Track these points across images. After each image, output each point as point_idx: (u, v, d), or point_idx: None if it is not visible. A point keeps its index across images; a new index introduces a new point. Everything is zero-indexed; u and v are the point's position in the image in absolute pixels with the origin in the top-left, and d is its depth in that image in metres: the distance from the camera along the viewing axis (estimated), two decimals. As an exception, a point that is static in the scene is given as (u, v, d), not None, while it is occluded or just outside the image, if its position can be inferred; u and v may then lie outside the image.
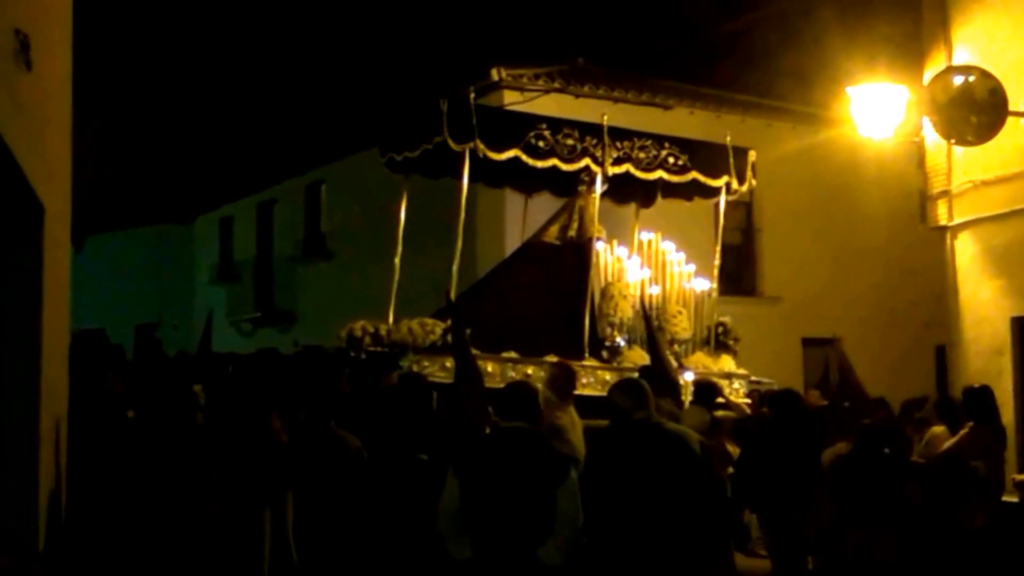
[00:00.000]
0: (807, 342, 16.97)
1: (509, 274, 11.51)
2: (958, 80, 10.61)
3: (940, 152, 11.83)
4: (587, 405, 8.81)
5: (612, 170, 10.87)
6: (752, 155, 11.79)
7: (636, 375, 8.86)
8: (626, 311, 11.18)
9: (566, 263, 11.32)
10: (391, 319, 10.84)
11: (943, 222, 11.82)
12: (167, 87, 25.68)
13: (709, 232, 15.14)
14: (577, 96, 15.49)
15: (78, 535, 5.85)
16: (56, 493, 5.55)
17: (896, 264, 16.42)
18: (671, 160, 11.18)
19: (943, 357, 12.06)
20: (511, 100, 15.34)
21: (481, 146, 10.09)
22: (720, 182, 11.56)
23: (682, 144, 11.37)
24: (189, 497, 6.19)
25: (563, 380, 8.52)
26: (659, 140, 11.24)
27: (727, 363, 11.65)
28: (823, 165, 16.41)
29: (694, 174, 11.35)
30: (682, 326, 11.48)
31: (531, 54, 16.68)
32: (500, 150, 10.26)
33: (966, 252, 11.59)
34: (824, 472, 8.66)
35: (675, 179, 11.33)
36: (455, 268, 10.37)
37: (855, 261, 17.10)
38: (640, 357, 10.76)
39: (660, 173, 11.19)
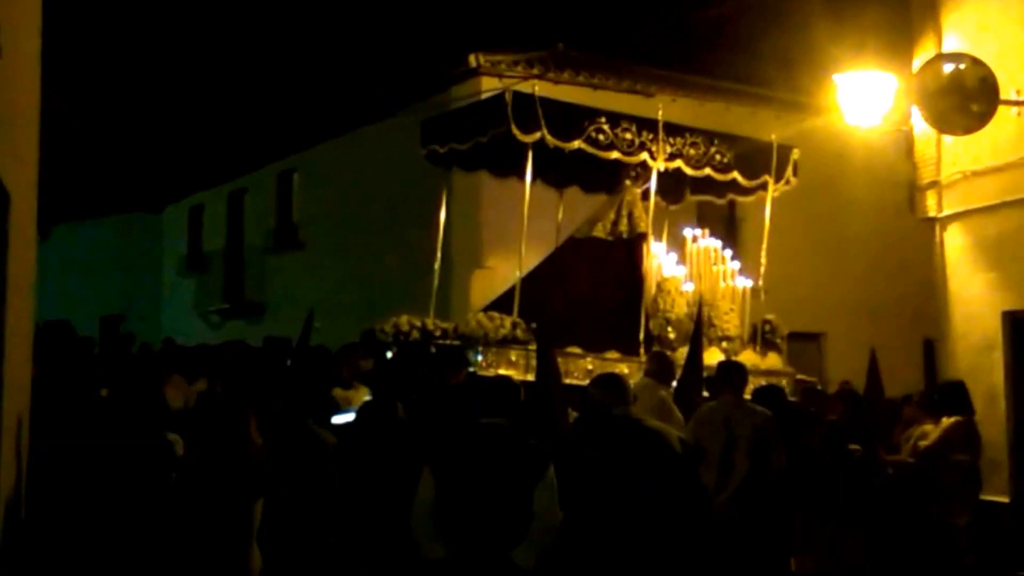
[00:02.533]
0: (792, 336, 16.75)
1: (560, 269, 11.40)
2: (948, 68, 10.38)
3: (929, 142, 11.64)
4: None
5: (666, 165, 10.78)
6: (796, 153, 11.70)
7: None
8: (682, 307, 11.15)
9: (618, 259, 11.28)
10: (431, 313, 10.83)
11: (932, 213, 11.62)
12: (137, 74, 25.33)
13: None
14: (557, 83, 15.19)
15: (37, 534, 5.55)
16: (16, 490, 5.33)
17: (884, 256, 16.25)
18: (718, 157, 11.11)
19: (932, 352, 11.86)
20: (489, 87, 15.05)
21: (549, 137, 9.96)
22: (760, 181, 11.51)
23: (728, 141, 11.28)
24: (153, 498, 5.88)
25: (659, 366, 8.88)
26: (708, 136, 11.14)
27: (774, 361, 11.62)
28: (809, 154, 16.10)
29: (734, 174, 11.27)
30: (734, 323, 11.47)
31: (510, 40, 16.39)
32: (564, 142, 10.16)
33: (956, 244, 11.39)
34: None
35: (720, 177, 11.27)
36: (519, 274, 10.30)
37: (842, 253, 16.89)
38: None
39: (708, 171, 11.11)
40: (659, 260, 11.51)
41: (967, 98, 10.21)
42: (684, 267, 11.62)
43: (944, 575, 9.22)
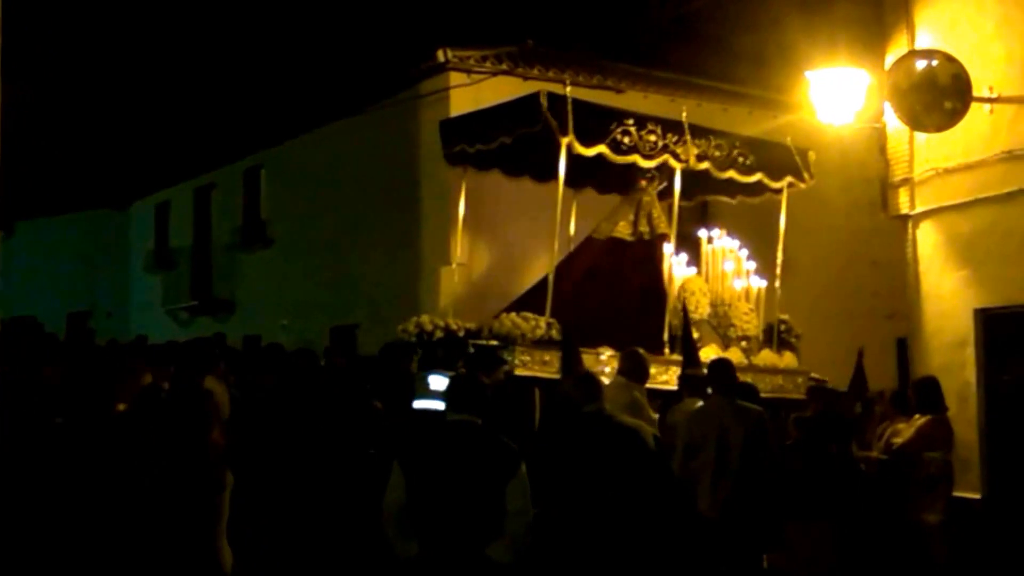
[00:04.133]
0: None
1: (582, 269, 11.47)
2: (921, 65, 10.39)
3: (902, 139, 11.57)
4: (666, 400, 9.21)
5: (695, 167, 10.88)
6: (812, 155, 11.77)
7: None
8: (706, 308, 11.21)
9: (641, 260, 11.39)
10: (450, 313, 10.97)
11: (904, 211, 11.55)
12: (103, 68, 25.09)
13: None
14: (526, 79, 15.09)
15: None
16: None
17: (856, 254, 16.23)
18: (741, 160, 11.19)
19: (905, 349, 11.84)
20: (457, 82, 14.96)
21: (575, 141, 10.01)
22: (782, 183, 11.62)
23: (749, 143, 11.38)
24: (120, 498, 5.78)
25: (632, 365, 8.79)
26: (730, 139, 11.22)
27: (791, 360, 11.70)
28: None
29: (759, 175, 11.36)
30: (753, 323, 11.53)
31: (478, 35, 16.28)
32: (589, 144, 10.20)
33: (928, 242, 11.34)
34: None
35: (744, 179, 11.35)
36: (551, 277, 10.31)
37: (814, 250, 16.87)
38: (713, 353, 10.66)
39: (732, 172, 11.18)
40: (671, 260, 11.56)
41: (940, 95, 10.21)
42: (694, 267, 11.64)
43: (916, 572, 9.22)
